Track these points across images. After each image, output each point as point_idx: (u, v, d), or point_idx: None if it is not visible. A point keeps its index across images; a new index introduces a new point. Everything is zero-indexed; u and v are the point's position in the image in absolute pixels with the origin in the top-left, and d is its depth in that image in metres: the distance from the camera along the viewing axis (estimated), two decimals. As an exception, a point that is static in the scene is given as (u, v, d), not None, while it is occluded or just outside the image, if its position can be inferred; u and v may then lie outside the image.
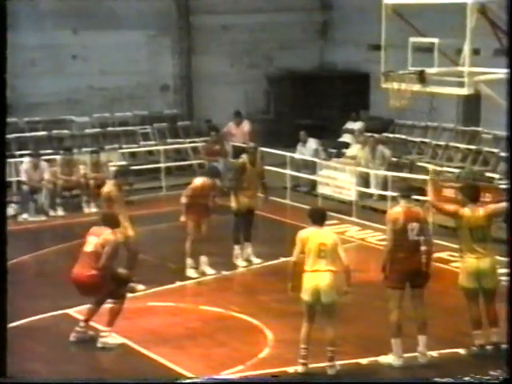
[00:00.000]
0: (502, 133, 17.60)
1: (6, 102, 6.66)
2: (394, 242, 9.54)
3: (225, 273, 13.00)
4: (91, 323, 10.45)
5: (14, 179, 17.51)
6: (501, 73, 13.04)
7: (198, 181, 13.27)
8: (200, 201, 12.98)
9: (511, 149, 9.87)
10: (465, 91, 13.19)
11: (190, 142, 20.30)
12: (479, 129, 18.98)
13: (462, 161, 17.99)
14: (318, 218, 9.68)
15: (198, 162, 19.54)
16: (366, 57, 20.72)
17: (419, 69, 13.23)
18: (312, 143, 18.82)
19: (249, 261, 13.51)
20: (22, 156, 17.99)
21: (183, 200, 12.98)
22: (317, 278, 9.24)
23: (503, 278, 10.10)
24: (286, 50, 23.13)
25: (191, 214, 12.91)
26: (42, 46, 20.47)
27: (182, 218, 12.97)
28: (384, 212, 15.67)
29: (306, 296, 9.34)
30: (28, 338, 10.57)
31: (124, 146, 19.70)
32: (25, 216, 16.77)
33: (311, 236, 9.46)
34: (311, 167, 18.09)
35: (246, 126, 19.74)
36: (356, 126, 20.05)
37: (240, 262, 13.44)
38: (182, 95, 22.51)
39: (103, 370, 9.67)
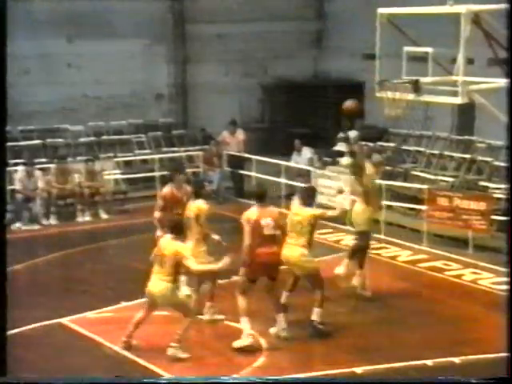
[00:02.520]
0: (496, 142, 17.69)
1: (6, 110, 6.57)
2: (252, 237, 10.49)
3: (219, 281, 12.95)
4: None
5: (7, 188, 17.48)
6: (495, 82, 13.11)
7: (166, 189, 12.45)
8: (174, 210, 12.12)
9: (511, 154, 9.88)
10: (459, 100, 13.20)
11: (185, 151, 20.29)
12: (473, 138, 19.00)
13: (456, 169, 17.99)
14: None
15: (193, 170, 19.57)
16: (361, 66, 20.74)
17: (414, 78, 13.25)
18: (307, 152, 18.85)
19: None
20: (16, 165, 17.93)
21: (156, 215, 12.27)
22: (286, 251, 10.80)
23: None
24: (281, 59, 23.17)
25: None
26: (37, 55, 20.43)
27: (158, 233, 11.79)
28: (378, 221, 15.81)
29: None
30: (22, 348, 10.52)
31: (119, 154, 19.70)
32: (18, 225, 16.73)
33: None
34: (306, 176, 18.09)
35: (240, 134, 19.75)
36: (350, 134, 20.00)
37: None
38: (176, 104, 22.51)
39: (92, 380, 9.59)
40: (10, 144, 19.22)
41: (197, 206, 11.47)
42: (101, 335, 10.78)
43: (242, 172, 19.15)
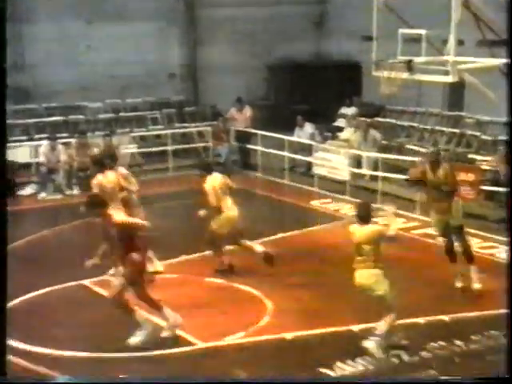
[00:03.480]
0: (484, 117, 17.62)
1: (5, 108, 6.36)
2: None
3: (228, 247, 12.97)
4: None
5: (33, 161, 17.51)
6: (483, 62, 13.03)
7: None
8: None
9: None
10: (450, 79, 13.15)
11: (196, 127, 20.27)
12: (463, 114, 18.95)
13: (446, 143, 17.95)
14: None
15: (203, 145, 19.55)
16: (359, 47, 20.61)
17: (408, 58, 13.19)
18: (308, 127, 18.79)
19: None
20: (40, 139, 17.96)
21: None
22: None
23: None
24: (285, 41, 23.03)
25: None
26: (59, 38, 20.42)
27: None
28: (375, 191, 15.80)
29: None
30: (48, 307, 10.61)
31: (134, 129, 19.67)
32: (43, 195, 16.78)
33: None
34: (307, 149, 18.06)
35: (247, 111, 19.69)
36: (349, 111, 20.01)
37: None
38: (188, 83, 22.47)
39: (111, 334, 9.64)
40: (34, 120, 19.37)
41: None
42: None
43: (248, 146, 19.11)
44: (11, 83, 20.01)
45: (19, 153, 17.43)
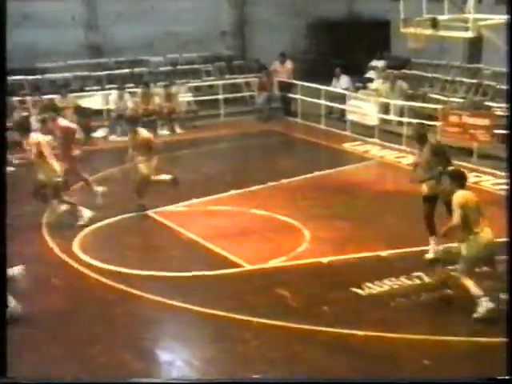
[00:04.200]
0: (500, 69, 17.09)
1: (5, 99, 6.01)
2: None
3: (271, 184, 12.93)
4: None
5: (104, 108, 17.54)
6: (500, 18, 12.55)
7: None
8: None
9: (511, 143, 8.94)
10: (469, 34, 12.78)
11: (243, 78, 20.05)
12: (481, 66, 18.45)
13: (465, 92, 17.55)
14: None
15: (249, 94, 19.37)
16: (388, 6, 20.04)
17: (432, 16, 12.80)
18: (345, 79, 18.44)
19: None
20: (110, 89, 17.96)
21: None
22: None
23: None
24: (322, 1, 22.47)
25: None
26: (126, 0, 20.25)
27: None
28: (400, 135, 15.53)
29: None
30: (120, 231, 10.70)
31: (190, 81, 19.53)
32: (113, 137, 16.85)
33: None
34: (341, 98, 17.77)
35: (289, 64, 19.36)
36: (379, 64, 19.56)
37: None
38: (237, 39, 22.17)
39: (175, 257, 9.73)
40: (105, 73, 19.37)
41: None
42: (177, 224, 10.85)
43: (289, 95, 18.88)
44: (86, 41, 20.21)
45: (93, 101, 17.52)
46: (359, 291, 8.54)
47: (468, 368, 6.90)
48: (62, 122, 11.80)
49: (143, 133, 11.42)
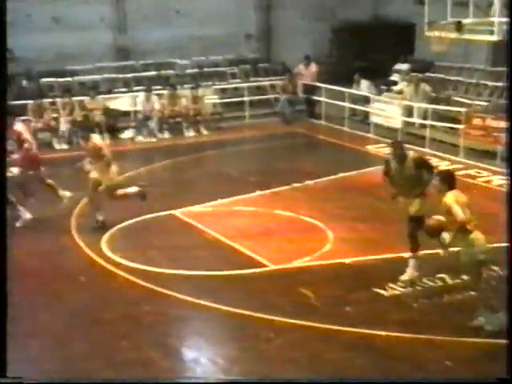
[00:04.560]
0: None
1: (5, 99, 5.98)
2: None
3: (295, 185, 12.92)
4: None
5: (131, 109, 17.66)
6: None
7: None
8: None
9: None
10: (495, 38, 12.67)
11: (268, 81, 20.05)
12: (505, 69, 18.22)
13: (489, 95, 17.38)
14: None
15: (274, 96, 19.38)
16: (413, 10, 19.95)
17: (457, 20, 12.72)
18: (364, 83, 18.33)
19: None
20: (138, 91, 18.07)
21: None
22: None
23: None
24: (347, 5, 22.42)
25: None
26: (153, 4, 20.37)
27: None
28: (423, 138, 15.43)
29: None
30: (147, 231, 10.77)
31: (216, 83, 19.59)
32: (139, 138, 16.96)
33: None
34: (365, 101, 17.71)
35: (313, 67, 19.34)
36: (403, 67, 19.46)
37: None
38: (262, 42, 22.20)
39: (200, 257, 9.76)
40: (133, 75, 19.48)
41: None
42: (202, 224, 10.90)
43: (313, 97, 18.85)
44: (115, 43, 20.37)
45: (121, 102, 17.63)
46: (382, 292, 8.52)
47: (490, 369, 6.85)
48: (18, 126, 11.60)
49: (96, 140, 11.12)
